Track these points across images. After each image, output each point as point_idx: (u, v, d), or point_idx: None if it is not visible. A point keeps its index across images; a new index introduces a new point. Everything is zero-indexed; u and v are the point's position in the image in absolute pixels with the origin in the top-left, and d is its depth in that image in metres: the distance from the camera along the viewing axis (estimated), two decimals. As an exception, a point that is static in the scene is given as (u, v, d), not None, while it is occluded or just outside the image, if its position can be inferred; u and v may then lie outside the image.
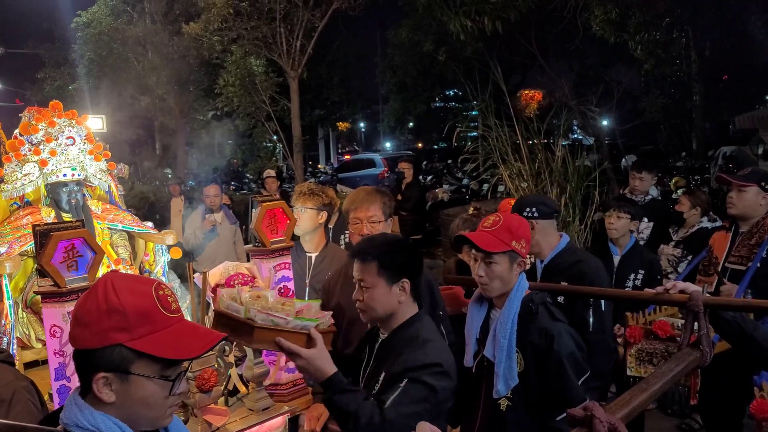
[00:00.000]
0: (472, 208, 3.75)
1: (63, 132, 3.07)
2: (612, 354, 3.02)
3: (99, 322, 1.29)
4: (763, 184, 3.48)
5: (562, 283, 2.79)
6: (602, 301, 2.91)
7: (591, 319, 2.85)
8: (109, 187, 3.34)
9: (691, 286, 1.97)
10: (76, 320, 1.34)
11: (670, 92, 16.86)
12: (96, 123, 3.54)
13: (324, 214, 3.51)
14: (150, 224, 3.35)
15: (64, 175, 3.08)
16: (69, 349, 2.13)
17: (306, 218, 3.43)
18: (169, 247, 3.30)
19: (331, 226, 4.66)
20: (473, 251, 2.32)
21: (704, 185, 11.85)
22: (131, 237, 3.39)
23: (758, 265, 3.40)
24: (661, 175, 11.17)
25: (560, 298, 2.85)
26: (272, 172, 8.79)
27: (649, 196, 5.39)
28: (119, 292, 1.31)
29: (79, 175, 3.13)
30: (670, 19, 12.49)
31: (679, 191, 11.79)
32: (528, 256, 3.00)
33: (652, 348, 3.47)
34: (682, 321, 3.44)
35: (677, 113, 16.69)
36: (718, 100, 19.03)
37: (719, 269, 3.60)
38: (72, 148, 3.08)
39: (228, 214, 6.56)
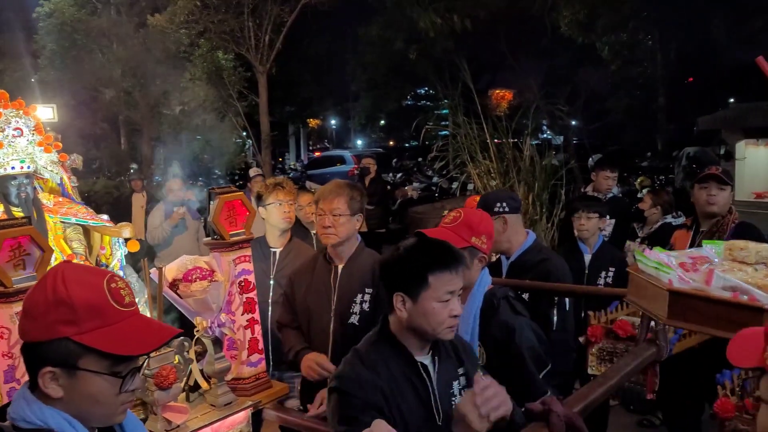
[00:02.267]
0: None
1: (10, 123, 2.95)
2: (572, 352, 3.04)
3: (46, 314, 1.24)
4: (732, 185, 3.56)
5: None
6: (566, 300, 2.93)
7: (555, 318, 2.85)
8: (61, 179, 3.23)
9: None
10: (24, 312, 1.29)
11: (636, 94, 17.20)
12: (46, 113, 3.41)
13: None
14: (106, 217, 3.25)
15: (12, 167, 2.97)
16: (18, 351, 2.05)
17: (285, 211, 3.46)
18: (126, 240, 3.21)
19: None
20: None
21: (668, 185, 12.09)
22: (86, 230, 3.29)
23: None
24: (626, 175, 11.36)
25: (525, 296, 2.85)
26: (259, 170, 8.69)
27: (611, 194, 5.45)
28: (68, 283, 1.26)
29: (28, 168, 3.02)
30: (637, 21, 12.72)
31: (644, 190, 12.03)
32: (493, 252, 2.99)
33: (612, 347, 3.49)
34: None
35: (643, 114, 17.02)
36: (683, 102, 19.42)
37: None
38: (20, 139, 2.97)
39: (191, 209, 6.45)
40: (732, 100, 18.78)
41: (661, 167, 13.90)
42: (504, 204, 2.99)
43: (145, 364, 1.47)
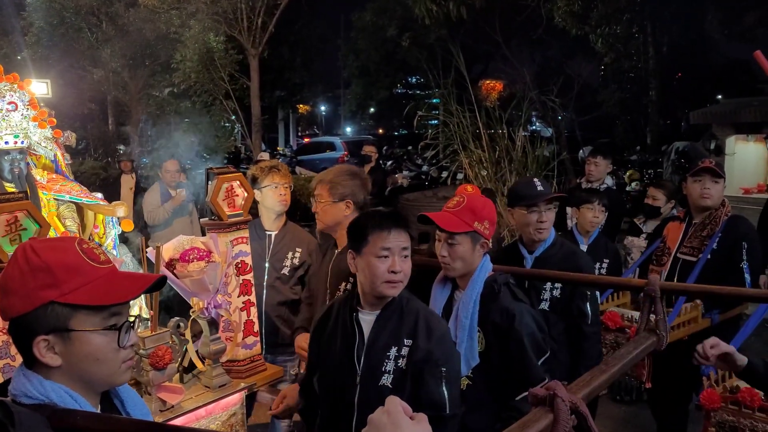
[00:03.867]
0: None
1: (4, 97, 2.90)
2: (600, 345, 3.09)
3: (24, 284, 1.23)
4: (724, 179, 3.56)
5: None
6: (597, 293, 2.94)
7: (589, 311, 2.85)
8: (55, 155, 3.18)
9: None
10: (2, 291, 1.26)
11: (627, 87, 17.23)
12: (40, 88, 3.34)
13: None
14: (100, 195, 3.21)
15: (6, 142, 2.92)
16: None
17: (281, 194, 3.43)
18: (120, 219, 3.17)
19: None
20: (438, 232, 2.30)
21: (657, 178, 12.17)
22: (79, 209, 3.25)
23: (708, 257, 3.46)
24: (616, 167, 11.41)
25: (556, 292, 2.84)
26: (266, 155, 8.59)
27: (604, 185, 5.43)
28: (39, 251, 1.25)
29: (22, 143, 2.97)
30: (631, 14, 12.73)
31: (633, 184, 12.10)
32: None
33: (602, 338, 3.53)
34: (633, 312, 3.52)
35: (633, 108, 17.08)
36: (672, 97, 19.53)
37: (671, 259, 3.66)
38: (14, 114, 2.92)
39: (186, 191, 6.41)
40: (720, 96, 18.91)
41: (650, 161, 13.97)
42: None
43: (137, 320, 1.45)
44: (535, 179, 3.03)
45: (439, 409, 1.93)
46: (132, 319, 1.34)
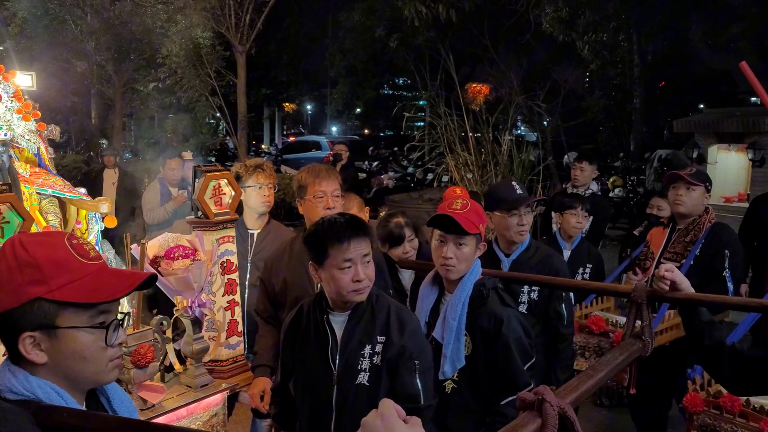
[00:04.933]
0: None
1: (-12, 88, 2.83)
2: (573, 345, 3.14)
3: (12, 279, 1.20)
4: (707, 185, 3.58)
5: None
6: (571, 295, 2.96)
7: (565, 313, 2.88)
8: (39, 149, 3.12)
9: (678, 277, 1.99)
10: None
11: (612, 94, 17.41)
12: (25, 80, 3.28)
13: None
14: (83, 190, 3.15)
15: (-11, 134, 2.86)
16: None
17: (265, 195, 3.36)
18: (104, 215, 3.12)
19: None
20: (441, 233, 2.28)
21: (640, 186, 12.30)
22: (62, 203, 3.19)
23: (691, 262, 3.49)
24: (600, 174, 11.51)
25: (534, 295, 2.86)
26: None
27: (590, 191, 5.47)
28: (28, 246, 1.22)
29: (5, 135, 2.90)
30: (617, 22, 12.86)
31: (616, 190, 12.22)
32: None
33: (585, 342, 3.55)
34: (617, 317, 3.55)
35: (618, 115, 17.25)
36: (656, 105, 19.75)
37: (654, 264, 3.69)
38: (-2, 105, 2.86)
39: (189, 191, 6.27)
40: (702, 105, 19.18)
41: (633, 168, 14.12)
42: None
43: (126, 318, 1.42)
44: (514, 182, 3.05)
45: (414, 400, 1.98)
46: (121, 316, 1.32)
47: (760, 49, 15.52)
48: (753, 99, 18.87)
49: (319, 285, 2.64)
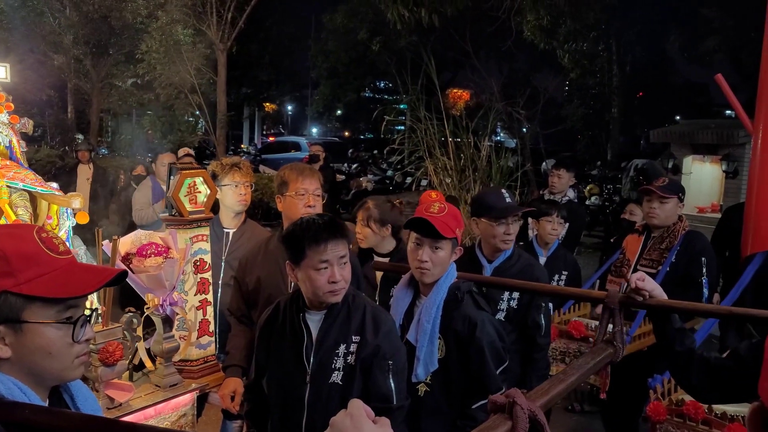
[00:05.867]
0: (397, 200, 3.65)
1: (-41, 79, 2.77)
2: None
3: None
4: (680, 195, 3.64)
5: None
6: (551, 306, 2.97)
7: (543, 323, 2.88)
8: (11, 141, 3.05)
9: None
10: None
11: (591, 103, 17.63)
12: (-1, 71, 3.22)
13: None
14: (55, 185, 3.09)
15: (-41, 124, 2.79)
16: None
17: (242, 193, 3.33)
18: (75, 211, 3.06)
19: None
20: (417, 236, 2.28)
21: (615, 194, 12.44)
22: (33, 198, 3.12)
23: (668, 269, 3.54)
24: (577, 182, 11.62)
25: (513, 303, 2.86)
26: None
27: (566, 198, 5.50)
28: None
29: (-24, 126, 2.84)
30: (597, 32, 13.04)
31: (593, 198, 12.34)
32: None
33: (565, 347, 3.57)
34: (596, 322, 3.58)
35: (596, 124, 17.47)
36: (634, 115, 20.04)
37: (631, 271, 3.73)
38: (-31, 97, 2.79)
39: None
40: (678, 116, 19.50)
41: (610, 176, 14.29)
42: None
43: (94, 314, 1.39)
44: (503, 190, 3.03)
45: (386, 400, 1.98)
46: (88, 312, 1.29)
47: (736, 63, 15.82)
48: (728, 112, 19.28)
49: (293, 284, 2.64)
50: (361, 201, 3.33)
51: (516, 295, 2.85)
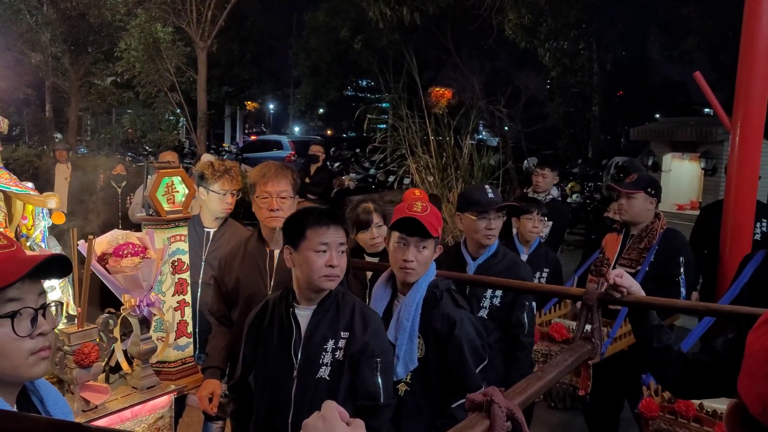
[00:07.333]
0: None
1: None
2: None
3: None
4: (649, 190, 3.62)
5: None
6: (534, 305, 2.97)
7: (526, 322, 2.88)
8: (-16, 140, 3.01)
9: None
10: None
11: (572, 101, 17.75)
12: (-27, 68, 3.16)
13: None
14: (30, 185, 3.03)
15: (-68, 124, 2.73)
16: None
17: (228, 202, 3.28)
18: (51, 211, 3.01)
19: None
20: (401, 236, 2.26)
21: (597, 192, 12.54)
22: (7, 198, 3.07)
23: (647, 268, 3.56)
24: (559, 180, 11.70)
25: (496, 301, 2.86)
26: (210, 157, 8.26)
27: (550, 196, 5.52)
28: None
29: (-51, 126, 2.79)
30: (578, 31, 13.13)
31: (574, 196, 12.43)
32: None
33: (547, 350, 3.57)
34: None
35: (577, 122, 17.60)
36: (614, 113, 20.21)
37: (610, 270, 3.74)
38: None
39: None
40: (658, 114, 19.70)
41: (591, 174, 14.40)
42: None
43: (58, 307, 1.34)
44: (487, 186, 3.04)
45: (373, 398, 1.99)
46: (38, 305, 1.24)
47: (715, 62, 16.02)
48: (707, 110, 19.50)
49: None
50: (359, 205, 3.28)
51: (499, 292, 2.85)
